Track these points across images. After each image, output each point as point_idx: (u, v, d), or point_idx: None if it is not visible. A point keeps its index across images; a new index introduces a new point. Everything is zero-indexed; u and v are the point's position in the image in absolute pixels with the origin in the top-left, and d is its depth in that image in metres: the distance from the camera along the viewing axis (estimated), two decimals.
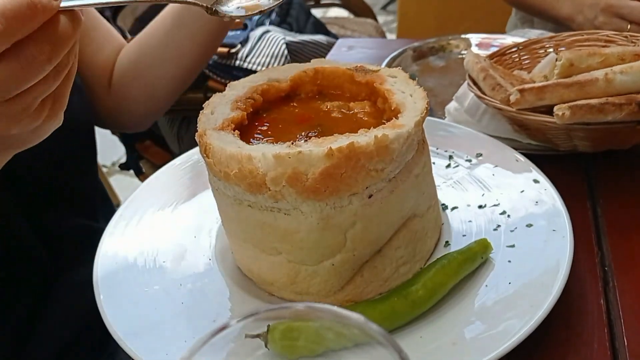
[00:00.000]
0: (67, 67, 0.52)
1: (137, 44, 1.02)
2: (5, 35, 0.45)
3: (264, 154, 0.57)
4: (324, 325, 0.35)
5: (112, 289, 0.66)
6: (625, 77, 0.73)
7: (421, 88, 0.67)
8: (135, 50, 1.02)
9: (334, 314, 0.31)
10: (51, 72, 0.50)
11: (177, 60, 0.99)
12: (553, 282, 0.61)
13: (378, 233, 0.62)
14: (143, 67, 1.00)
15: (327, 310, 0.32)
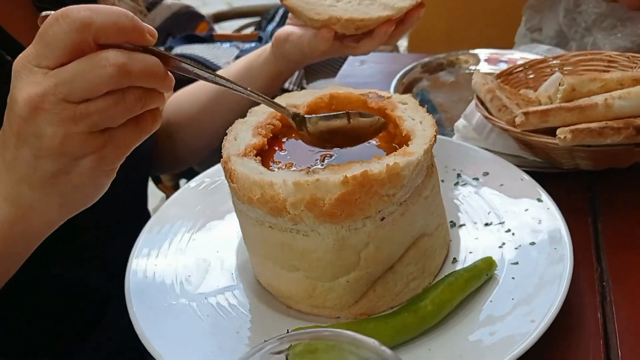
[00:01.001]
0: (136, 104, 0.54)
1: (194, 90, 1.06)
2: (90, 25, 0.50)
3: (284, 181, 0.62)
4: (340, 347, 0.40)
5: (142, 304, 0.71)
6: (624, 102, 0.77)
7: (430, 115, 0.72)
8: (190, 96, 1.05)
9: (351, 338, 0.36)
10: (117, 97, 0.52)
11: (234, 105, 1.01)
12: (553, 299, 0.65)
13: (390, 252, 0.67)
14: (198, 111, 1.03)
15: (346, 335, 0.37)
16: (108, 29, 0.51)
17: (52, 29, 0.50)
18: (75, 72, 0.50)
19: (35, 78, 0.51)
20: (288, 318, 0.70)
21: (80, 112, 0.51)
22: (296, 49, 0.94)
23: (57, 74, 0.51)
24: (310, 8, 0.84)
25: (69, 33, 0.50)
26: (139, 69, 0.52)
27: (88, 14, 0.50)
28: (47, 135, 0.52)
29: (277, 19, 1.84)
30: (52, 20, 0.51)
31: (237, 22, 2.28)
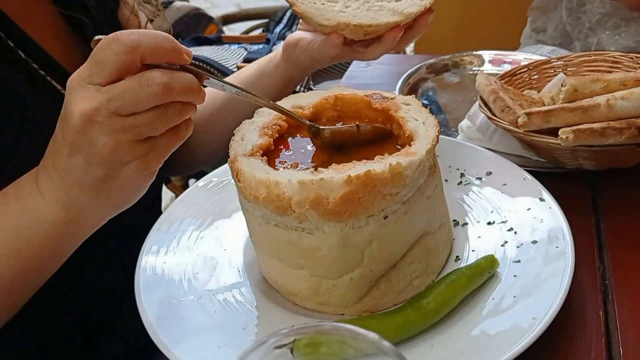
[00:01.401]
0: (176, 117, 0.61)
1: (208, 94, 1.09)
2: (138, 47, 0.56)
3: (289, 180, 0.63)
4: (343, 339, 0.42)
5: (151, 299, 0.73)
6: (626, 102, 0.78)
7: (433, 116, 0.73)
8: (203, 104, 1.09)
9: (353, 332, 0.38)
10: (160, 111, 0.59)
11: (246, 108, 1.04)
12: (554, 297, 0.66)
13: (393, 250, 0.68)
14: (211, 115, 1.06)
15: (348, 329, 0.38)
16: (153, 51, 0.57)
17: (104, 51, 0.57)
18: (125, 89, 0.57)
19: (89, 94, 0.58)
20: (293, 314, 0.71)
21: (129, 124, 0.58)
22: (306, 55, 0.96)
23: (109, 90, 0.57)
24: (319, 14, 0.85)
25: (120, 54, 0.56)
26: (180, 86, 0.59)
27: (136, 37, 0.56)
28: (100, 144, 0.59)
29: (285, 21, 1.86)
30: (105, 44, 0.57)
31: (246, 24, 2.30)
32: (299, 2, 0.86)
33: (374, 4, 0.87)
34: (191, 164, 1.19)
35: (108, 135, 0.58)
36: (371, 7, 0.86)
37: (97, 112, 0.57)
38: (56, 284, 0.74)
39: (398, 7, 0.87)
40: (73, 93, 0.59)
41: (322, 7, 0.86)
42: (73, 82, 0.59)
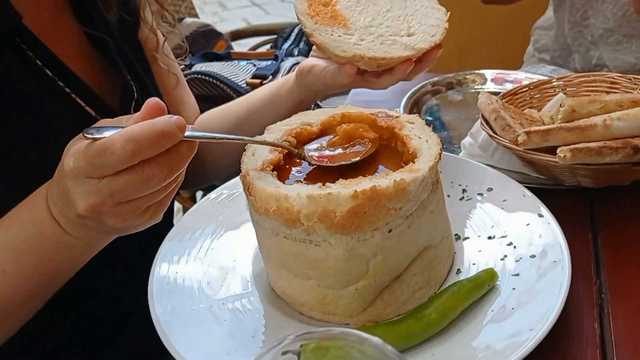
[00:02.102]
0: (175, 183, 0.64)
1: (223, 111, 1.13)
2: (134, 156, 0.57)
3: (298, 194, 0.67)
4: (348, 345, 0.44)
5: (164, 308, 0.75)
6: (622, 123, 0.81)
7: (436, 134, 0.76)
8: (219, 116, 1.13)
9: (359, 337, 0.41)
10: (162, 187, 0.62)
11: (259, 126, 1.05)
12: (551, 309, 0.69)
13: (397, 262, 0.71)
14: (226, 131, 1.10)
15: (354, 334, 0.41)
16: (150, 152, 0.59)
17: (100, 159, 0.58)
18: (127, 185, 0.59)
19: (90, 187, 0.60)
20: (300, 324, 0.74)
21: (133, 206, 0.62)
22: (319, 81, 0.99)
23: (110, 184, 0.59)
24: (336, 45, 0.89)
25: (117, 165, 0.58)
26: (179, 168, 0.61)
27: (131, 147, 0.57)
28: (109, 224, 0.64)
29: (293, 37, 1.90)
30: (99, 151, 0.58)
31: (254, 40, 2.34)
32: (317, 33, 0.90)
33: (387, 38, 0.91)
34: (203, 180, 1.23)
35: (115, 217, 0.63)
36: (385, 41, 0.90)
37: (102, 205, 0.61)
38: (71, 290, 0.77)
39: (410, 42, 0.91)
40: (73, 183, 0.61)
41: (339, 39, 0.90)
42: (72, 173, 0.61)
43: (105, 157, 0.58)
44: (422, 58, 0.92)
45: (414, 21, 0.94)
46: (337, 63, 0.92)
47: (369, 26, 0.92)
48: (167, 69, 1.08)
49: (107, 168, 0.58)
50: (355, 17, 0.92)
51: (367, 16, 0.93)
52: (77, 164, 0.60)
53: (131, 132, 0.58)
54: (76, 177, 0.60)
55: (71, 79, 0.85)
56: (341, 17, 0.92)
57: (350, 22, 0.92)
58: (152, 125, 0.58)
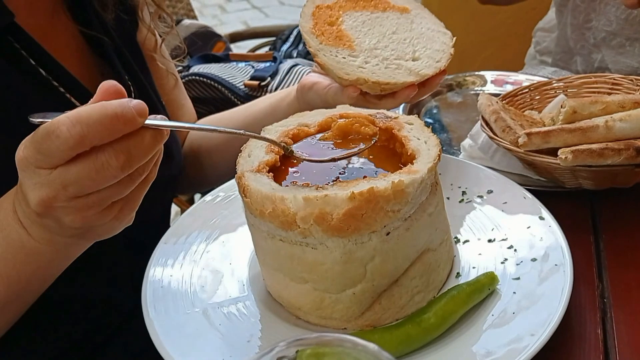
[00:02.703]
0: (141, 176, 0.57)
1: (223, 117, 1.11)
2: (83, 139, 0.51)
3: (294, 196, 0.65)
4: (345, 351, 0.43)
5: (158, 311, 0.74)
6: (624, 124, 0.80)
7: (435, 135, 0.75)
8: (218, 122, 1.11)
9: (354, 343, 0.39)
10: (124, 179, 0.55)
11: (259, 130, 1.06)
12: (552, 314, 0.67)
13: (395, 265, 0.70)
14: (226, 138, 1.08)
15: (349, 340, 0.40)
16: (102, 137, 0.53)
17: (46, 144, 0.52)
18: (80, 176, 0.53)
19: (40, 179, 0.55)
20: (297, 328, 0.73)
21: (92, 201, 0.56)
22: (320, 99, 0.98)
23: (62, 175, 0.54)
24: (340, 67, 0.88)
25: (64, 150, 0.52)
26: (139, 156, 0.55)
27: (78, 130, 0.51)
28: (66, 221, 0.58)
29: (292, 39, 1.89)
30: (44, 136, 0.52)
31: (253, 42, 2.34)
32: (321, 54, 0.89)
33: (392, 62, 0.90)
34: (202, 184, 1.21)
35: (73, 214, 0.57)
36: (389, 65, 0.90)
37: (55, 199, 0.55)
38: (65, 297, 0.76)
39: (415, 68, 0.90)
40: (24, 176, 0.56)
41: (343, 61, 0.89)
42: (21, 165, 0.55)
43: (50, 142, 0.52)
44: (425, 83, 0.91)
45: (419, 45, 0.93)
46: (340, 84, 0.91)
47: (374, 48, 0.91)
48: (165, 69, 1.06)
49: (55, 155, 0.52)
50: (360, 39, 0.92)
51: (373, 38, 0.92)
52: (25, 152, 0.54)
53: (78, 113, 0.52)
54: (26, 168, 0.55)
55: (65, 77, 0.84)
56: (346, 38, 0.91)
57: (355, 43, 0.91)
58: (103, 106, 0.52)
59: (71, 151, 0.52)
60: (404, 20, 0.96)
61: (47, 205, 0.56)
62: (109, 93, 0.55)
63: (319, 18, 0.93)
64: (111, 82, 0.55)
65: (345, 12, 0.94)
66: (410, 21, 0.96)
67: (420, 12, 0.98)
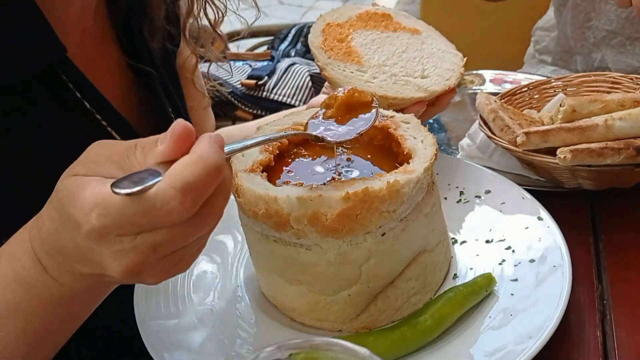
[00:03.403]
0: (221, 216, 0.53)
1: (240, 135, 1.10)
2: (195, 207, 0.48)
3: (288, 196, 0.64)
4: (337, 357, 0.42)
5: (150, 312, 0.73)
6: (624, 123, 0.78)
7: (431, 134, 0.74)
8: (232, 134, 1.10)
9: (344, 347, 0.38)
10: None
11: None
12: (551, 316, 0.66)
13: (391, 267, 0.69)
14: None
15: (339, 345, 0.38)
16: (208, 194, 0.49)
17: (148, 219, 0.48)
18: (174, 235, 0.49)
19: (123, 245, 0.49)
20: (291, 330, 0.72)
21: (178, 257, 0.52)
22: None
23: (150, 238, 0.49)
24: (347, 81, 0.88)
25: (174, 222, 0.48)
26: (227, 197, 0.52)
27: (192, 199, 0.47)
28: (149, 282, 0.54)
29: (290, 38, 1.88)
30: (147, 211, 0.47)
31: (251, 41, 2.32)
32: (329, 68, 0.89)
33: (400, 78, 0.89)
34: None
35: (159, 275, 0.53)
36: (397, 81, 0.89)
37: (143, 263, 0.50)
38: None
39: (423, 84, 0.90)
40: (99, 244, 0.50)
41: (351, 75, 0.88)
42: (95, 234, 0.49)
43: (157, 217, 0.47)
44: (435, 101, 0.91)
45: (429, 64, 0.93)
46: None
47: (383, 65, 0.91)
48: (202, 92, 1.05)
49: (157, 225, 0.48)
50: (369, 55, 0.92)
51: (382, 55, 0.92)
52: (105, 221, 0.48)
53: (185, 180, 0.47)
54: (103, 237, 0.49)
55: (108, 110, 0.81)
56: (355, 54, 0.91)
57: (364, 59, 0.91)
58: (205, 163, 0.48)
59: (181, 221, 0.48)
60: (414, 41, 0.96)
61: (136, 271, 0.51)
62: (185, 138, 0.50)
63: (328, 35, 0.93)
64: (182, 124, 0.50)
65: (356, 30, 0.95)
66: (421, 42, 0.96)
67: (431, 34, 0.99)
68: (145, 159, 0.50)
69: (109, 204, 0.48)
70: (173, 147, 0.49)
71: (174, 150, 0.49)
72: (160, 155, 0.50)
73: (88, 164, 0.52)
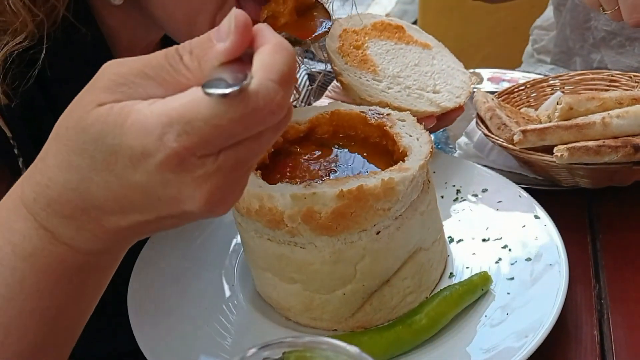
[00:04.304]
0: None
1: None
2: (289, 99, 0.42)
3: (282, 194, 0.64)
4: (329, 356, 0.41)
5: (142, 310, 0.73)
6: (622, 120, 0.78)
7: (427, 132, 0.73)
8: None
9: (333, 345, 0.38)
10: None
11: None
12: (547, 315, 0.66)
13: (386, 265, 0.68)
14: None
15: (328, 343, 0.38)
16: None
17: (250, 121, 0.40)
18: (256, 147, 0.43)
19: (206, 168, 0.42)
20: (286, 329, 0.71)
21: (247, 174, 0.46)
22: None
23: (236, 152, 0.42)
24: (364, 89, 0.89)
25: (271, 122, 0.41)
26: None
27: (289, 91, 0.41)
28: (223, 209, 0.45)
29: None
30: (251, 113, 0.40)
31: None
32: (346, 74, 0.89)
33: (414, 91, 0.91)
34: None
35: (230, 202, 0.45)
36: (411, 93, 0.91)
37: (225, 188, 0.43)
38: None
39: (436, 99, 0.91)
40: (177, 172, 0.41)
41: (367, 83, 0.89)
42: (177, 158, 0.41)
43: (257, 120, 0.40)
44: (443, 116, 0.92)
45: (440, 79, 0.95)
46: None
47: (397, 76, 0.92)
48: None
49: (252, 132, 0.41)
50: (384, 65, 0.93)
51: (396, 66, 0.94)
52: (187, 140, 0.40)
53: (281, 70, 0.40)
54: (183, 162, 0.41)
55: None
56: (371, 62, 0.92)
57: (380, 68, 0.92)
58: (288, 48, 0.41)
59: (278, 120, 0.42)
60: (425, 55, 0.98)
61: (219, 197, 0.43)
62: (248, 28, 0.42)
63: (345, 40, 0.94)
64: (244, 14, 0.42)
65: (371, 39, 0.96)
66: (432, 57, 0.98)
67: (441, 50, 1.01)
68: (201, 63, 0.42)
69: (193, 116, 0.40)
70: (240, 41, 0.41)
71: (241, 45, 0.41)
72: (223, 54, 0.41)
73: (116, 87, 0.43)
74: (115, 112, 0.42)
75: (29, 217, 0.48)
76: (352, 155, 0.76)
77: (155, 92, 0.42)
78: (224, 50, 0.41)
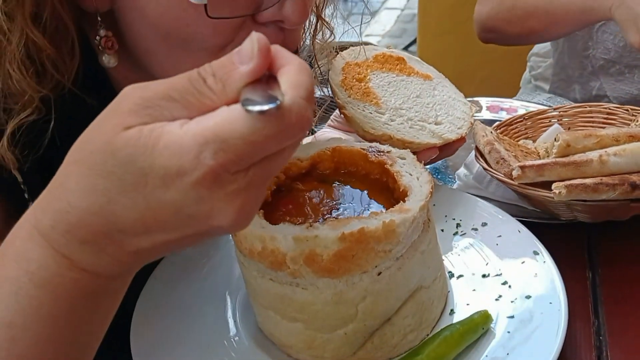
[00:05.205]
0: None
1: None
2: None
3: (284, 236, 0.64)
4: None
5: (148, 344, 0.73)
6: (619, 158, 0.79)
7: (427, 171, 0.74)
8: None
9: None
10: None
11: None
12: (548, 354, 0.66)
13: (387, 305, 0.69)
14: None
15: None
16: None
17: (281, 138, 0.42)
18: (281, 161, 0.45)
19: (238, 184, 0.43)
20: None
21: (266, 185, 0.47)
22: None
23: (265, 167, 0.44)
24: (367, 121, 0.90)
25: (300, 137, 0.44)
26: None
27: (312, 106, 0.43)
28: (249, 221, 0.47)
29: None
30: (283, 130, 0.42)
31: None
32: (349, 107, 0.91)
33: (416, 123, 0.92)
34: None
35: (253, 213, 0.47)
36: (414, 125, 0.92)
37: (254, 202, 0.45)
38: None
39: (438, 131, 0.93)
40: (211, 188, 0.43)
41: (370, 116, 0.91)
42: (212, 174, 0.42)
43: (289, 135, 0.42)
44: (445, 147, 0.93)
45: (441, 110, 0.96)
46: (363, 139, 0.92)
47: (400, 108, 0.93)
48: None
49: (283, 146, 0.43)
50: (386, 98, 0.94)
51: (398, 98, 0.95)
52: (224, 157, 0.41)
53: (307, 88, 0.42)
54: (217, 179, 0.42)
55: None
56: (373, 95, 0.94)
57: (382, 101, 0.94)
58: (307, 68, 0.43)
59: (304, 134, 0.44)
60: (427, 87, 0.99)
61: (248, 211, 0.45)
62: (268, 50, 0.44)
63: (348, 73, 0.96)
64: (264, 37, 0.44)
65: (373, 71, 0.97)
66: (433, 88, 0.99)
67: (441, 81, 1.02)
68: (226, 86, 0.43)
69: (229, 134, 0.41)
70: (264, 63, 0.43)
71: (264, 67, 0.43)
72: (247, 76, 0.43)
73: (142, 110, 0.44)
74: (145, 135, 0.43)
75: (45, 245, 0.48)
76: (353, 192, 0.77)
77: (180, 114, 0.44)
78: (249, 71, 0.43)
